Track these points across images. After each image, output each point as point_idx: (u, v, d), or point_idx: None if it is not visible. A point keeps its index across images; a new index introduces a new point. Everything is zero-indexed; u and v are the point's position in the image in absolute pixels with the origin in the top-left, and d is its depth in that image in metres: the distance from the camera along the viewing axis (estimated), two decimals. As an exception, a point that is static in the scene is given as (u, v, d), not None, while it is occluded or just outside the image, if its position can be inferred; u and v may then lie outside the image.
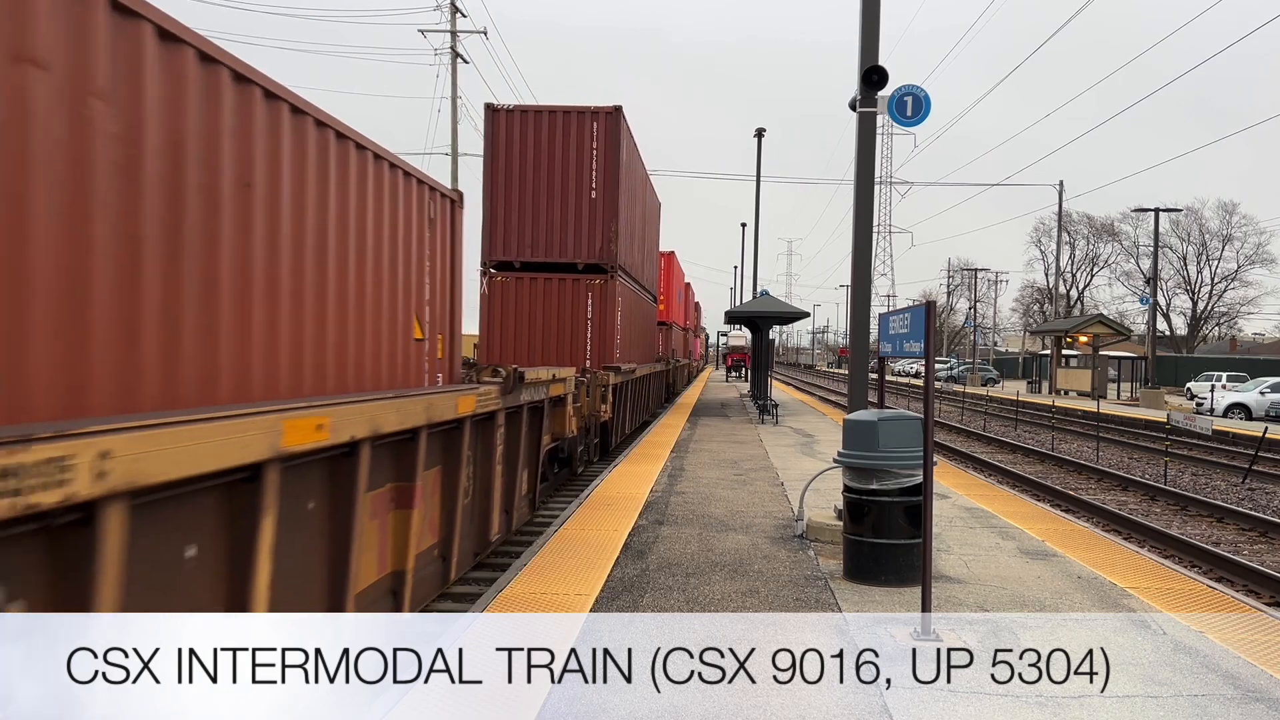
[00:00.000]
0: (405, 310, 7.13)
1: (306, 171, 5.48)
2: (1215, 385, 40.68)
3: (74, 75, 3.56)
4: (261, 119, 4.97)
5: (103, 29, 3.71)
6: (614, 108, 15.79)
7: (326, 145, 5.74)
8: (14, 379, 3.31)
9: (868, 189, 10.19)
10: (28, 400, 3.36)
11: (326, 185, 5.73)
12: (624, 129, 16.18)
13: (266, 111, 5.03)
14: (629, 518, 8.99)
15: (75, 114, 3.58)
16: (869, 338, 10.64)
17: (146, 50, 4.00)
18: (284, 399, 5.07)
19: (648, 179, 21.75)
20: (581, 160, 15.61)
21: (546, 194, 15.63)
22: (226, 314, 4.64)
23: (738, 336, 59.69)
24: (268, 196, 5.04)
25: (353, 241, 6.11)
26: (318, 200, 5.63)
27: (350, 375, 6.12)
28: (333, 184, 5.81)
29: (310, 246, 5.53)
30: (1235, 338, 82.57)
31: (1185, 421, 18.54)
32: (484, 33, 37.18)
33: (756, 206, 37.38)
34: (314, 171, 5.57)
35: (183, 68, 4.26)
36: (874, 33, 9.89)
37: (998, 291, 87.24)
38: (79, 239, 3.61)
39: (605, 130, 15.66)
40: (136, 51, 3.93)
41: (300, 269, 5.42)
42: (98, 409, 3.70)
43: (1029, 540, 8.41)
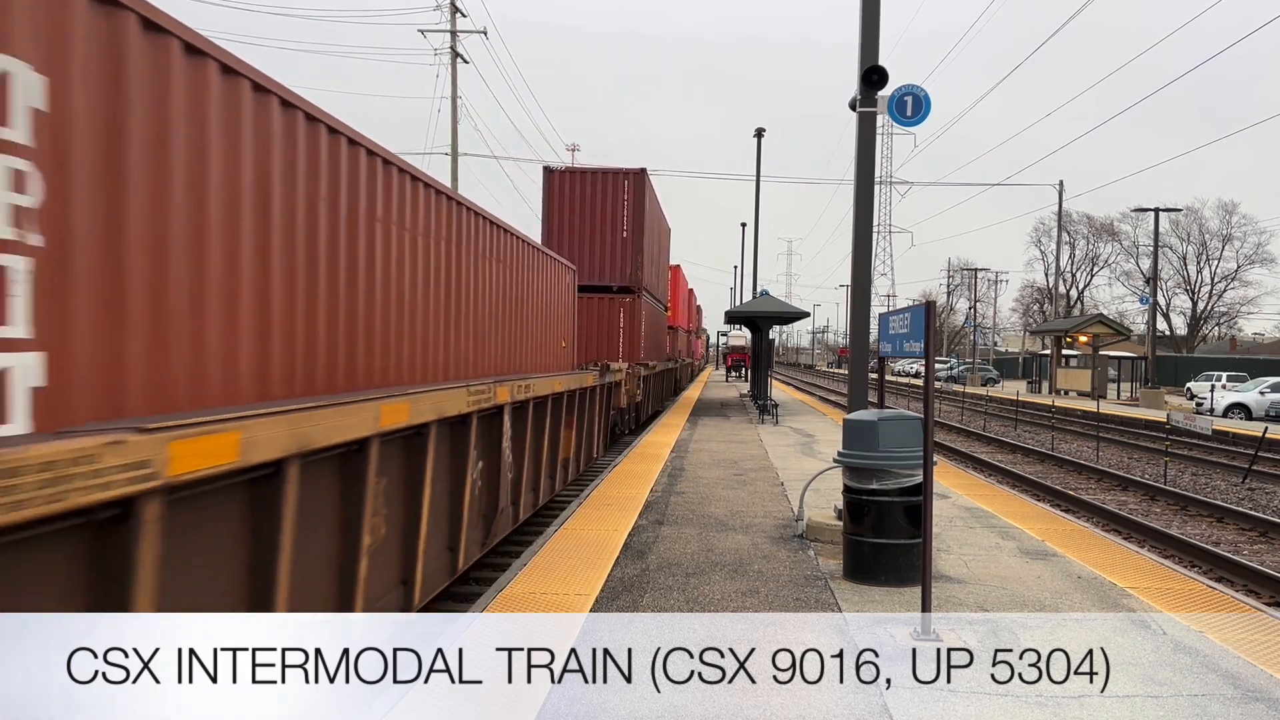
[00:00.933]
0: (560, 331, 13.76)
1: (524, 270, 10.92)
2: (1215, 385, 40.67)
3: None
4: (523, 253, 11.06)
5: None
6: (640, 169, 20.70)
7: (533, 257, 11.66)
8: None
9: (868, 189, 10.18)
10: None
11: (530, 274, 11.47)
12: (647, 184, 20.89)
13: (523, 247, 11.11)
14: (629, 517, 8.99)
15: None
16: (869, 338, 10.64)
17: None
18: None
19: (661, 213, 25.86)
20: (616, 209, 20.27)
21: (589, 233, 20.16)
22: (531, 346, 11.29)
23: (738, 336, 59.65)
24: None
25: (544, 299, 12.34)
26: (530, 276, 11.45)
27: (542, 363, 12.26)
28: (543, 281, 12.31)
29: (531, 306, 11.57)
30: (1235, 338, 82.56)
31: (1185, 421, 18.54)
32: (484, 33, 37.19)
33: (756, 206, 37.39)
34: (528, 270, 11.15)
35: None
36: (874, 33, 9.88)
37: (998, 291, 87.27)
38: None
39: (633, 186, 20.43)
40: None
41: (530, 318, 11.51)
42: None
43: (1029, 540, 8.41)
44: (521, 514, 9.96)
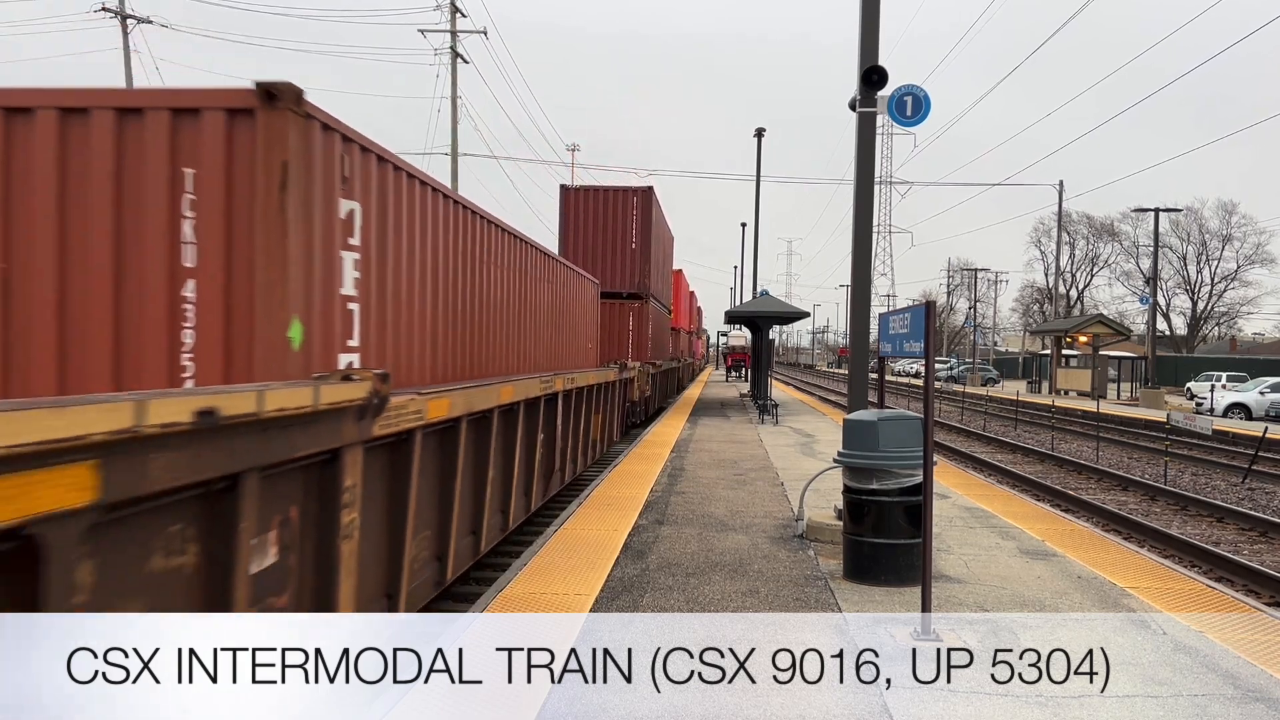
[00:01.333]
0: (591, 334, 16.49)
1: (535, 270, 11.37)
2: (1215, 385, 40.65)
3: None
4: (563, 273, 13.36)
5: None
6: (648, 187, 22.85)
7: (569, 276, 13.98)
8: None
9: (868, 189, 10.18)
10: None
11: (567, 290, 13.67)
12: (654, 200, 22.85)
13: (563, 269, 13.47)
14: (629, 517, 8.99)
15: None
16: (869, 338, 10.63)
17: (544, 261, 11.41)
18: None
19: (666, 224, 27.70)
20: (626, 222, 22.25)
21: (602, 245, 22.12)
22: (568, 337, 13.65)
23: (738, 336, 59.65)
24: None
25: (577, 309, 14.66)
26: (555, 287, 12.82)
27: (576, 361, 14.31)
28: (575, 294, 14.55)
29: (568, 315, 13.81)
30: (1235, 338, 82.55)
31: (1185, 421, 18.54)
32: (484, 33, 37.21)
33: (756, 206, 37.38)
34: (535, 271, 11.36)
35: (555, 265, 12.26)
36: (874, 33, 9.88)
37: (998, 291, 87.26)
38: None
39: (641, 202, 22.42)
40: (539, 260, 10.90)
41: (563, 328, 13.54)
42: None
43: (1029, 540, 8.41)
44: (565, 478, 12.61)
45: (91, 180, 4.88)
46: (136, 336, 4.88)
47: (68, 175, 4.88)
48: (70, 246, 4.89)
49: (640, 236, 22.29)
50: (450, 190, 7.66)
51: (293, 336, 4.93)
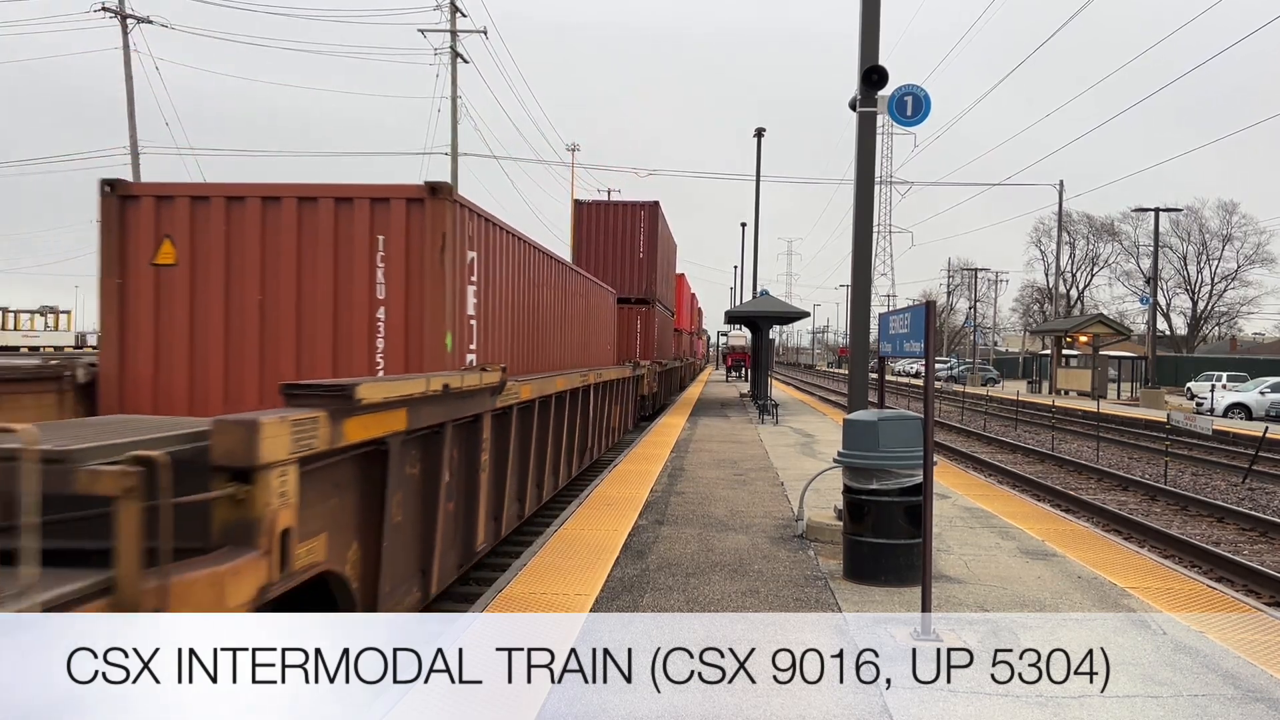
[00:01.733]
0: (610, 337, 18.72)
1: (575, 289, 13.88)
2: (1215, 385, 40.64)
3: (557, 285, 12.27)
4: (588, 286, 15.65)
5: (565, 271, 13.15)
6: (654, 202, 24.69)
7: (593, 288, 16.01)
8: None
9: (868, 189, 10.18)
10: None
11: (583, 296, 14.82)
12: (659, 214, 24.92)
13: (589, 283, 15.81)
14: (629, 517, 8.99)
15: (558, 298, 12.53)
16: (869, 338, 10.62)
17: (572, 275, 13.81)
18: (570, 368, 12.86)
19: (670, 234, 29.70)
20: (634, 234, 24.20)
21: (613, 254, 24.06)
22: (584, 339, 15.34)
23: (738, 336, 59.59)
24: (568, 304, 13.21)
25: (599, 316, 16.67)
26: (588, 301, 15.19)
27: (599, 360, 16.17)
28: (597, 303, 16.45)
29: (594, 321, 15.84)
30: (1235, 337, 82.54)
31: (1185, 421, 18.53)
32: (484, 32, 37.22)
33: (756, 206, 37.36)
34: (574, 289, 13.84)
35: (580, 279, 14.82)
36: (874, 32, 9.87)
37: (998, 291, 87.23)
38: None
39: (648, 216, 24.42)
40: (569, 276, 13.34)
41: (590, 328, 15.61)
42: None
43: (1029, 540, 8.41)
44: (593, 456, 15.00)
45: (319, 242, 7.46)
46: (347, 343, 7.47)
47: (302, 239, 7.46)
48: (304, 284, 7.47)
49: (647, 247, 24.33)
50: (521, 233, 10.02)
51: (447, 344, 7.48)
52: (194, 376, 7.51)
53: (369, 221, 7.40)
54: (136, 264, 7.57)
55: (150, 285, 7.55)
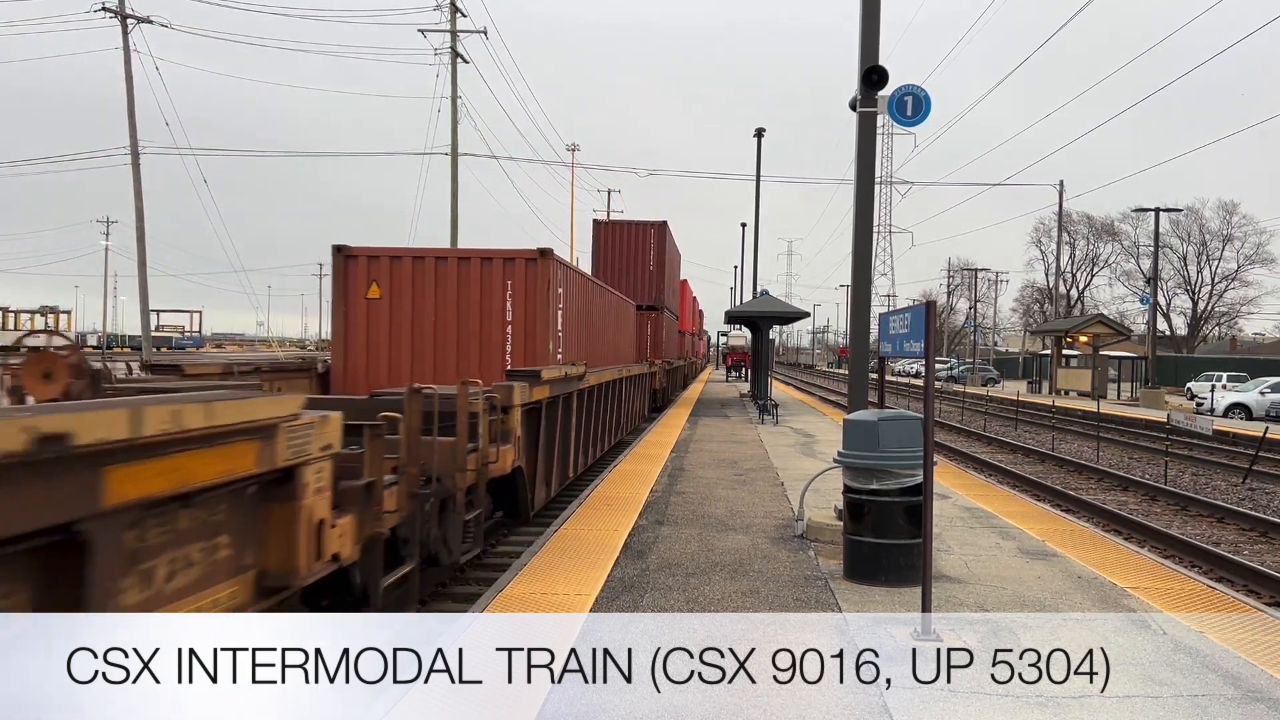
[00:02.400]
0: (635, 339, 24.02)
1: (611, 305, 18.67)
2: (1215, 385, 40.63)
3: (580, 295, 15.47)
4: (616, 300, 20.36)
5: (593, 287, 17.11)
6: (662, 222, 29.02)
7: (619, 301, 20.60)
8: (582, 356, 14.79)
9: (868, 189, 10.17)
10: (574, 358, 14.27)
11: (615, 309, 19.48)
12: (667, 232, 29.27)
13: (617, 297, 20.58)
14: (629, 517, 8.99)
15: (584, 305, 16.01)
16: (869, 338, 10.62)
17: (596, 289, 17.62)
18: (609, 365, 17.29)
19: (675, 247, 33.38)
20: (644, 249, 28.26)
21: (626, 266, 27.94)
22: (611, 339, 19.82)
23: (738, 336, 59.58)
24: (606, 316, 17.78)
25: (625, 323, 21.54)
26: (617, 312, 19.99)
27: (624, 358, 20.65)
28: (622, 311, 21.11)
29: (623, 326, 21.06)
30: (1235, 338, 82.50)
31: (1185, 421, 18.53)
32: (484, 32, 37.18)
33: (756, 207, 37.35)
34: (610, 305, 18.55)
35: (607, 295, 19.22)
36: (874, 32, 9.87)
37: (998, 291, 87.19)
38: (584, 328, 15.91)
39: (657, 233, 28.50)
40: (593, 289, 17.01)
41: (619, 330, 20.57)
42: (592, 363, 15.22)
43: (1029, 540, 8.41)
44: (621, 434, 19.07)
45: (470, 284, 12.04)
46: (488, 350, 11.94)
47: (460, 282, 12.03)
48: (461, 313, 12.02)
49: (656, 260, 28.28)
50: (583, 271, 15.51)
51: (550, 349, 11.76)
52: (391, 368, 11.86)
53: (502, 272, 11.99)
54: (355, 299, 12.05)
55: (363, 312, 12.02)
